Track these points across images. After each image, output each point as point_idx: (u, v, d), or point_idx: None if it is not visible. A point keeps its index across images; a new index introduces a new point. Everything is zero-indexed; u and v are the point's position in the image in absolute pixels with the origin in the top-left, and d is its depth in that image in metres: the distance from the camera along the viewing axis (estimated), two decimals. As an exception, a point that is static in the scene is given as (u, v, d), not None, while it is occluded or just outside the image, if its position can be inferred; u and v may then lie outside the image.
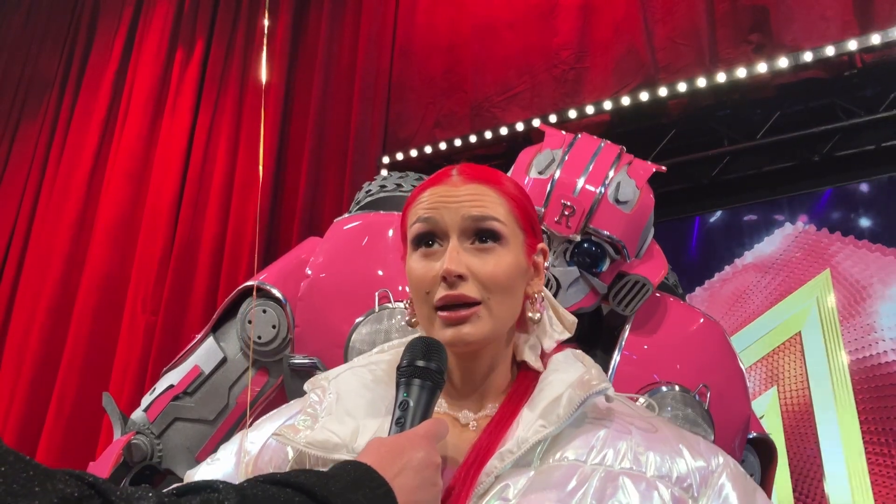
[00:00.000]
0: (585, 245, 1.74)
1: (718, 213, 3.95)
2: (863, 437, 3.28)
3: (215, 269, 4.07)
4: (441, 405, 1.02)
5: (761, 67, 3.46)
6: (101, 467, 1.86)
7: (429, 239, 1.01)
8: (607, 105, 3.72)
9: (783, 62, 3.43)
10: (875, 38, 3.28)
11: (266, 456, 1.06)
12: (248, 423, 1.62)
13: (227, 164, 4.28)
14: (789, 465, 3.37)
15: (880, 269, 3.47)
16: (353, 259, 1.91)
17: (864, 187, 3.70)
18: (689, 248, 3.90)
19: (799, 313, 3.58)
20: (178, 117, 4.46)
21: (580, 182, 1.73)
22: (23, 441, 4.00)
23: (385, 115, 4.11)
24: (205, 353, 1.96)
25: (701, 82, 3.56)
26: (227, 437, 1.82)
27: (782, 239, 3.75)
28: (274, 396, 1.94)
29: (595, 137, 1.90)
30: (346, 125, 4.16)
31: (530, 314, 1.04)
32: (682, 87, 3.60)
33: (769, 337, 3.60)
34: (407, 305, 1.07)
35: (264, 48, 4.35)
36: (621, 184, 1.75)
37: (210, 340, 1.98)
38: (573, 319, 1.10)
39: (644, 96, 3.64)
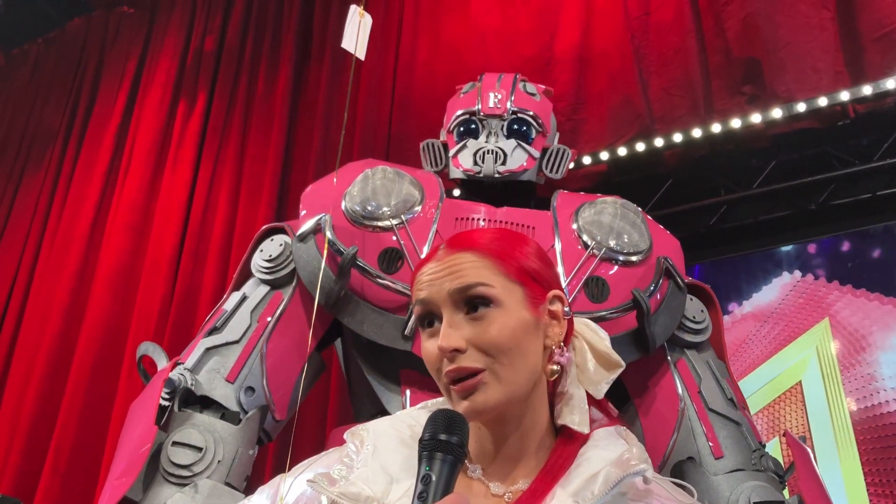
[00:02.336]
0: (515, 123, 2.30)
1: (716, 263, 3.96)
2: (867, 488, 3.24)
3: (215, 320, 4.07)
4: (476, 470, 1.01)
5: (755, 118, 3.50)
6: (147, 402, 1.91)
7: (429, 319, 1.01)
8: (604, 155, 3.76)
9: (777, 112, 3.47)
10: (867, 90, 3.33)
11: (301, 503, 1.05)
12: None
13: (228, 216, 4.30)
14: (794, 516, 3.33)
15: (879, 318, 3.47)
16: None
17: (860, 236, 3.71)
18: (688, 297, 3.89)
19: (799, 362, 3.57)
20: (180, 169, 4.50)
21: (498, 82, 2.39)
22: (19, 495, 3.95)
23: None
24: (229, 299, 2.15)
25: (696, 133, 3.60)
26: (252, 353, 1.98)
27: (780, 288, 3.76)
28: (287, 314, 2.07)
29: None
30: (346, 176, 4.19)
31: (550, 366, 1.01)
32: (677, 137, 3.64)
33: (770, 387, 3.58)
34: None
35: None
36: (526, 83, 2.44)
37: (233, 293, 2.18)
38: (617, 359, 1.06)
39: (640, 147, 3.68)
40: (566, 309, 1.05)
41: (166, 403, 1.91)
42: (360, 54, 2.13)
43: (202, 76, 4.78)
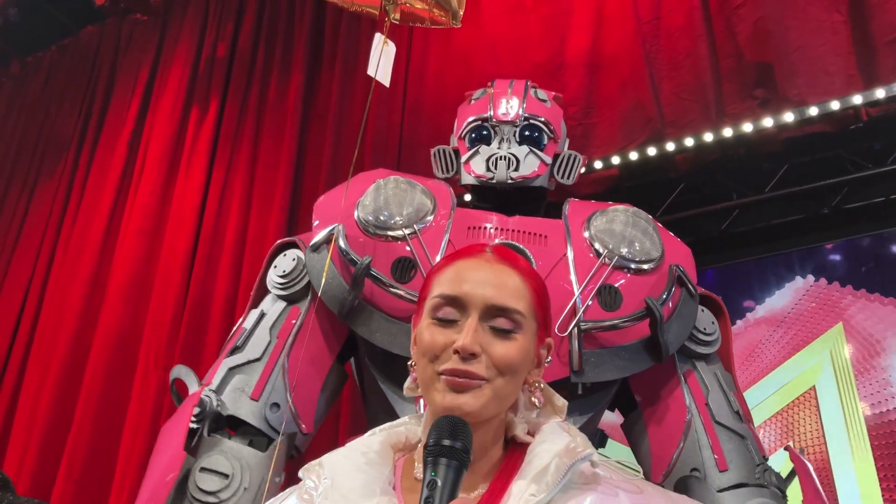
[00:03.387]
0: (527, 129, 2.31)
1: (729, 267, 3.95)
2: (882, 493, 3.22)
3: (227, 325, 4.07)
4: None
5: (767, 122, 3.49)
6: (177, 427, 1.93)
7: (448, 307, 1.04)
8: (615, 160, 3.75)
9: (789, 116, 3.45)
10: (879, 93, 3.31)
11: None
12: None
13: (241, 221, 4.32)
14: (809, 522, 3.30)
15: (894, 323, 3.44)
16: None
17: (874, 240, 3.69)
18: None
19: (813, 367, 3.55)
20: (193, 175, 4.53)
21: (510, 88, 2.40)
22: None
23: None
24: (248, 317, 2.18)
25: (708, 137, 3.59)
26: (274, 369, 2.01)
27: (793, 293, 3.74)
28: (306, 328, 2.10)
29: None
30: (358, 182, 4.20)
31: (534, 399, 1.09)
32: (689, 141, 3.63)
33: (783, 391, 3.57)
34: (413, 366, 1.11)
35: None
36: (537, 90, 2.45)
37: (251, 311, 2.21)
38: (563, 403, 1.14)
39: (651, 151, 3.67)
40: (548, 358, 1.13)
41: (195, 426, 1.93)
42: (385, 81, 2.16)
43: (214, 83, 4.80)
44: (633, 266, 2.07)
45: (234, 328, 2.21)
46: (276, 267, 2.21)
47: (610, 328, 1.99)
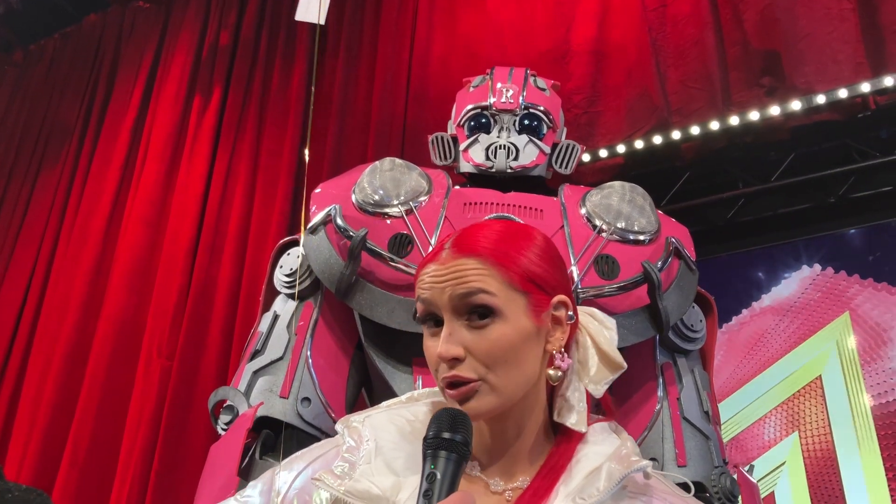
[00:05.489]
0: (527, 118, 2.30)
1: (735, 256, 3.93)
2: (888, 483, 3.21)
3: (231, 313, 4.07)
4: (474, 468, 1.01)
5: (774, 110, 3.46)
6: (230, 450, 1.90)
7: (430, 320, 1.01)
8: (621, 148, 3.73)
9: (796, 105, 3.43)
10: (888, 81, 3.28)
11: (298, 499, 1.04)
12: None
13: (244, 209, 4.31)
14: (813, 511, 3.31)
15: (901, 312, 3.43)
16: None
17: (881, 229, 3.67)
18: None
19: (819, 356, 3.53)
20: (196, 163, 4.51)
21: (510, 77, 2.38)
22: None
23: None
24: (262, 321, 2.17)
25: (714, 125, 3.57)
26: (299, 365, 2.01)
27: (800, 282, 3.72)
28: (322, 320, 2.10)
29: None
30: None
31: (550, 372, 1.01)
32: (695, 130, 3.61)
33: (789, 381, 3.55)
34: None
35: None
36: (537, 78, 2.42)
37: (264, 314, 2.20)
38: (620, 361, 1.06)
39: (657, 139, 3.65)
40: (570, 314, 1.03)
41: (222, 431, 1.92)
42: (316, 19, 2.09)
43: (217, 71, 4.78)
44: (630, 237, 2.07)
45: (250, 334, 2.20)
46: (281, 267, 2.19)
47: (608, 294, 1.97)
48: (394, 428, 1.03)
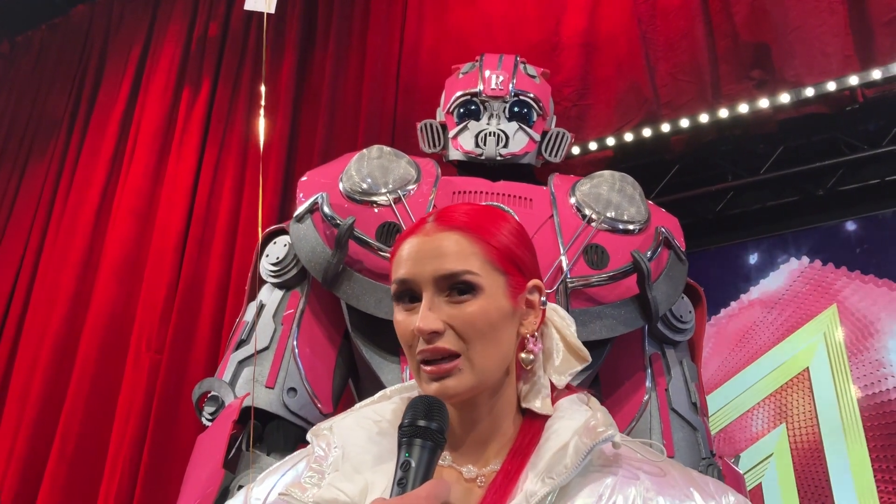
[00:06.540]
0: (517, 105, 2.29)
1: (723, 249, 3.94)
2: (874, 474, 3.23)
3: (220, 307, 4.06)
4: (445, 458, 1.01)
5: (763, 103, 3.46)
6: (216, 441, 1.89)
7: (408, 295, 1.00)
8: (610, 141, 3.73)
9: (785, 98, 3.44)
10: (876, 74, 3.29)
11: None
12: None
13: (233, 203, 4.29)
14: (800, 502, 3.33)
15: (888, 305, 3.45)
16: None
17: (868, 221, 3.68)
18: (695, 284, 3.88)
19: (806, 349, 3.55)
20: (185, 156, 4.49)
21: (500, 64, 2.38)
22: (25, 481, 3.97)
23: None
24: (247, 310, 2.16)
25: (703, 118, 3.57)
26: (285, 355, 2.00)
27: (788, 274, 3.74)
28: (309, 310, 2.08)
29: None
30: (351, 163, 4.17)
31: (522, 355, 1.02)
32: (684, 122, 3.61)
33: (777, 373, 3.57)
34: None
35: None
36: (526, 65, 2.43)
37: (250, 303, 2.19)
38: (585, 353, 1.08)
39: (647, 132, 3.65)
40: (543, 299, 1.05)
41: (207, 422, 1.91)
42: (270, 8, 2.05)
43: (206, 63, 4.76)
44: (619, 227, 2.06)
45: (235, 324, 2.19)
46: (267, 255, 2.16)
47: (597, 284, 1.97)
48: (361, 431, 1.03)
